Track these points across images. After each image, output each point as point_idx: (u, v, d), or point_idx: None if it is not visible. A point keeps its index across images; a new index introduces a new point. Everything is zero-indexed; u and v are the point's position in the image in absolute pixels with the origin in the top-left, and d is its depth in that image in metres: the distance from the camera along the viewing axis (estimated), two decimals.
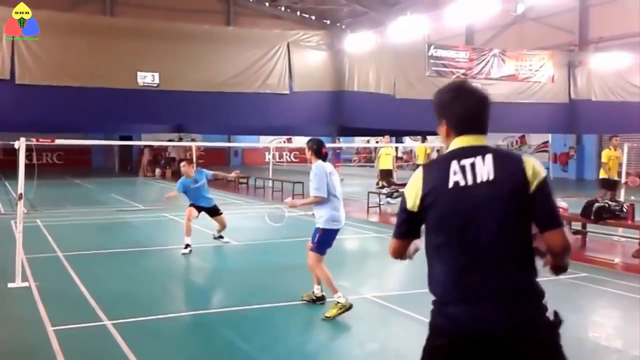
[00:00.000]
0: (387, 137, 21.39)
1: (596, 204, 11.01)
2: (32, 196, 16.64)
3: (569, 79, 23.39)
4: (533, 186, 2.74)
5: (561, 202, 12.34)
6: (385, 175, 20.37)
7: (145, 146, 36.30)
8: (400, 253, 3.05)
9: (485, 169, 2.78)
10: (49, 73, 15.77)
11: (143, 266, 10.20)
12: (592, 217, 11.02)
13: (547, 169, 33.93)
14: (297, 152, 46.86)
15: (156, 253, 11.35)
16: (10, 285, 8.21)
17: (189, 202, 11.73)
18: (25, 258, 9.10)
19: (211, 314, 7.37)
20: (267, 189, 23.58)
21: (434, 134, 24.46)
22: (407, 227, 2.98)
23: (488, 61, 22.19)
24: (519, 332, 2.68)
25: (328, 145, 7.84)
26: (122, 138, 29.90)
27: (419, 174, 2.95)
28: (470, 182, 2.78)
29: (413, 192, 2.90)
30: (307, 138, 7.50)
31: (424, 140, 24.09)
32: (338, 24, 44.22)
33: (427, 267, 2.91)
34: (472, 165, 2.79)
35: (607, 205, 10.97)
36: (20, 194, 8.63)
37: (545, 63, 23.01)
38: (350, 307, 6.83)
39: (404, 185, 14.67)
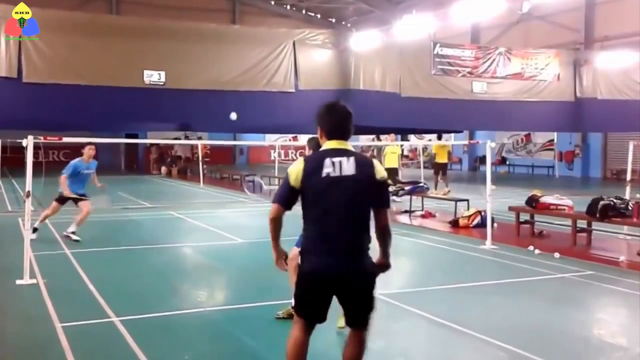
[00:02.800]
0: (392, 136, 21.39)
1: (601, 202, 11.01)
2: (39, 194, 16.68)
3: (574, 78, 23.38)
4: (377, 180, 4.13)
5: (566, 200, 12.37)
6: (391, 173, 20.34)
7: (152, 144, 36.39)
8: (277, 215, 4.21)
9: (348, 166, 4.08)
10: (55, 71, 15.86)
11: (150, 263, 10.25)
12: (598, 215, 11.01)
13: (553, 167, 33.93)
14: (303, 150, 46.68)
15: (163, 251, 11.39)
16: (18, 282, 8.26)
17: (64, 190, 11.82)
18: (33, 255, 9.16)
19: (218, 311, 7.41)
20: (273, 187, 23.62)
21: (444, 131, 24.51)
22: (285, 197, 4.18)
23: (494, 60, 22.19)
24: (349, 275, 4.12)
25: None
26: (128, 136, 29.99)
27: (301, 161, 4.19)
28: (338, 173, 4.06)
29: (294, 174, 4.13)
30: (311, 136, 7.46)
31: (439, 138, 24.01)
32: (343, 23, 44.21)
33: (303, 230, 4.25)
34: (340, 163, 4.08)
35: (612, 203, 10.96)
36: (28, 191, 8.68)
37: (550, 61, 23.00)
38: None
39: (409, 183, 14.72)
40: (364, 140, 36.52)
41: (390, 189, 17.51)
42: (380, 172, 4.18)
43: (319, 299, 4.23)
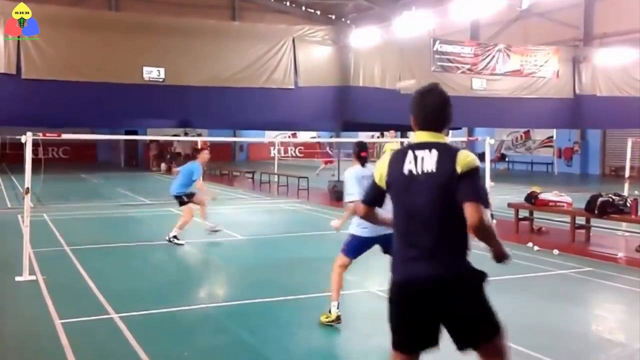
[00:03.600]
0: (392, 132, 21.36)
1: (600, 199, 11.03)
2: (38, 191, 16.72)
3: (573, 74, 23.38)
4: (457, 173, 3.45)
5: (565, 197, 12.39)
6: None
7: (151, 141, 36.35)
8: (366, 216, 3.92)
9: (430, 161, 3.52)
10: (54, 68, 15.83)
11: (150, 260, 10.27)
12: (596, 212, 11.03)
13: (552, 164, 33.95)
14: (302, 147, 46.86)
15: (162, 247, 11.39)
16: (17, 278, 8.28)
17: (190, 190, 11.98)
18: (33, 252, 9.16)
19: (217, 308, 7.42)
20: (272, 183, 23.63)
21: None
22: (371, 196, 3.81)
23: (493, 56, 22.16)
24: (443, 282, 3.51)
25: (331, 140, 7.88)
26: (127, 133, 29.96)
27: (387, 156, 3.73)
28: (419, 170, 3.53)
29: (378, 170, 3.71)
30: (312, 133, 7.51)
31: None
32: (343, 19, 44.16)
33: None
34: (423, 158, 3.54)
35: (611, 199, 10.98)
36: (27, 188, 8.68)
37: (550, 58, 22.98)
38: (337, 320, 6.50)
39: None
40: (364, 137, 36.62)
41: None
42: (463, 163, 3.46)
43: (415, 316, 3.58)
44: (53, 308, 6.98)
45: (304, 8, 44.14)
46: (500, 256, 3.60)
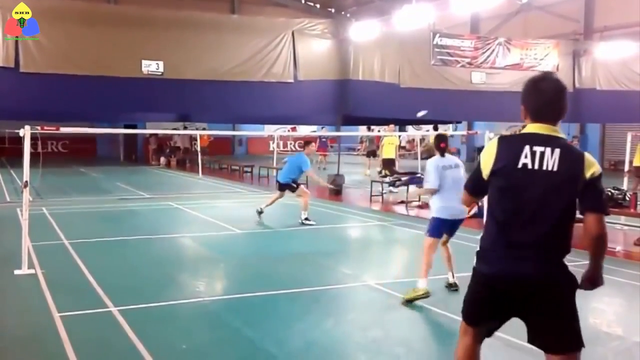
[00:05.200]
0: (391, 126, 21.38)
1: None
2: (37, 184, 16.73)
3: (573, 68, 23.33)
4: (586, 179, 3.38)
5: None
6: (388, 164, 20.31)
7: (151, 135, 36.32)
8: (467, 204, 3.98)
9: (552, 159, 3.38)
10: (53, 61, 15.79)
11: (149, 254, 10.27)
12: None
13: None
14: (302, 141, 46.71)
15: (161, 241, 11.41)
16: (16, 272, 8.29)
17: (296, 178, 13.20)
18: (31, 245, 9.18)
19: (216, 301, 7.44)
20: (271, 177, 23.63)
21: (441, 122, 24.51)
22: (476, 185, 3.68)
23: (493, 50, 22.11)
24: (537, 283, 3.42)
25: (331, 133, 7.96)
26: (127, 127, 29.93)
27: (494, 144, 3.54)
28: (537, 167, 3.38)
29: (485, 159, 3.55)
30: (312, 127, 7.72)
31: (435, 128, 23.97)
32: (343, 13, 44.05)
33: (485, 223, 3.63)
34: (542, 154, 3.39)
35: (610, 193, 10.98)
36: (26, 182, 8.68)
37: (550, 52, 22.93)
38: (425, 294, 7.04)
39: (406, 174, 14.85)
40: (363, 130, 36.62)
41: (387, 179, 17.56)
42: (591, 169, 3.40)
43: (494, 306, 3.60)
44: (52, 301, 6.99)
45: (303, 1, 44.03)
46: (595, 279, 3.55)
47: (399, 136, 26.59)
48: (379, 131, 27.31)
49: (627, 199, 10.87)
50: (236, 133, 42.35)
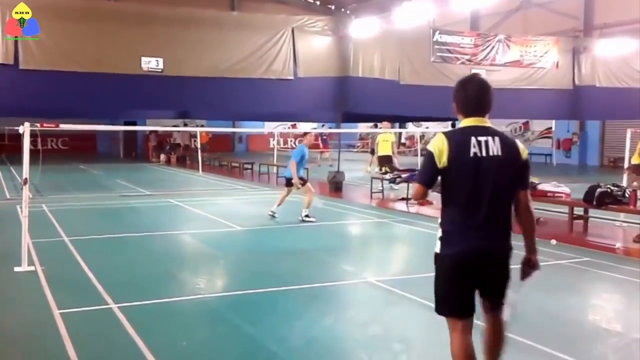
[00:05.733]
0: (386, 123, 21.31)
1: (598, 190, 11.03)
2: (37, 181, 16.73)
3: (573, 65, 23.33)
4: (522, 160, 3.98)
5: (563, 187, 12.40)
6: (384, 161, 20.15)
7: (150, 132, 36.30)
8: (423, 198, 4.06)
9: (494, 146, 3.89)
10: (53, 58, 15.80)
11: (148, 251, 10.27)
12: (595, 203, 11.04)
13: (550, 155, 33.95)
14: (302, 138, 46.61)
15: (161, 238, 11.42)
16: (16, 269, 8.29)
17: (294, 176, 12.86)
18: (31, 242, 9.17)
19: (216, 298, 7.44)
20: (271, 174, 23.62)
21: (440, 119, 24.49)
22: (431, 177, 3.95)
23: (493, 47, 22.12)
24: (494, 255, 3.98)
25: (331, 130, 7.93)
26: (127, 124, 29.93)
27: (442, 139, 3.90)
28: (484, 154, 3.85)
29: (439, 152, 3.87)
30: (312, 124, 7.63)
31: (453, 125, 23.98)
32: (343, 9, 44.00)
33: (442, 214, 4.05)
34: (486, 142, 3.88)
35: (609, 190, 10.99)
36: (25, 178, 8.68)
37: (549, 49, 22.94)
38: None
39: (406, 171, 14.78)
40: (363, 127, 36.61)
41: (387, 176, 17.55)
42: (524, 152, 4.02)
43: (465, 284, 3.98)
44: (52, 298, 6.99)
45: None
46: (536, 260, 4.14)
47: (395, 133, 26.52)
48: (380, 128, 27.28)
49: (627, 195, 10.88)
50: (236, 130, 42.31)
